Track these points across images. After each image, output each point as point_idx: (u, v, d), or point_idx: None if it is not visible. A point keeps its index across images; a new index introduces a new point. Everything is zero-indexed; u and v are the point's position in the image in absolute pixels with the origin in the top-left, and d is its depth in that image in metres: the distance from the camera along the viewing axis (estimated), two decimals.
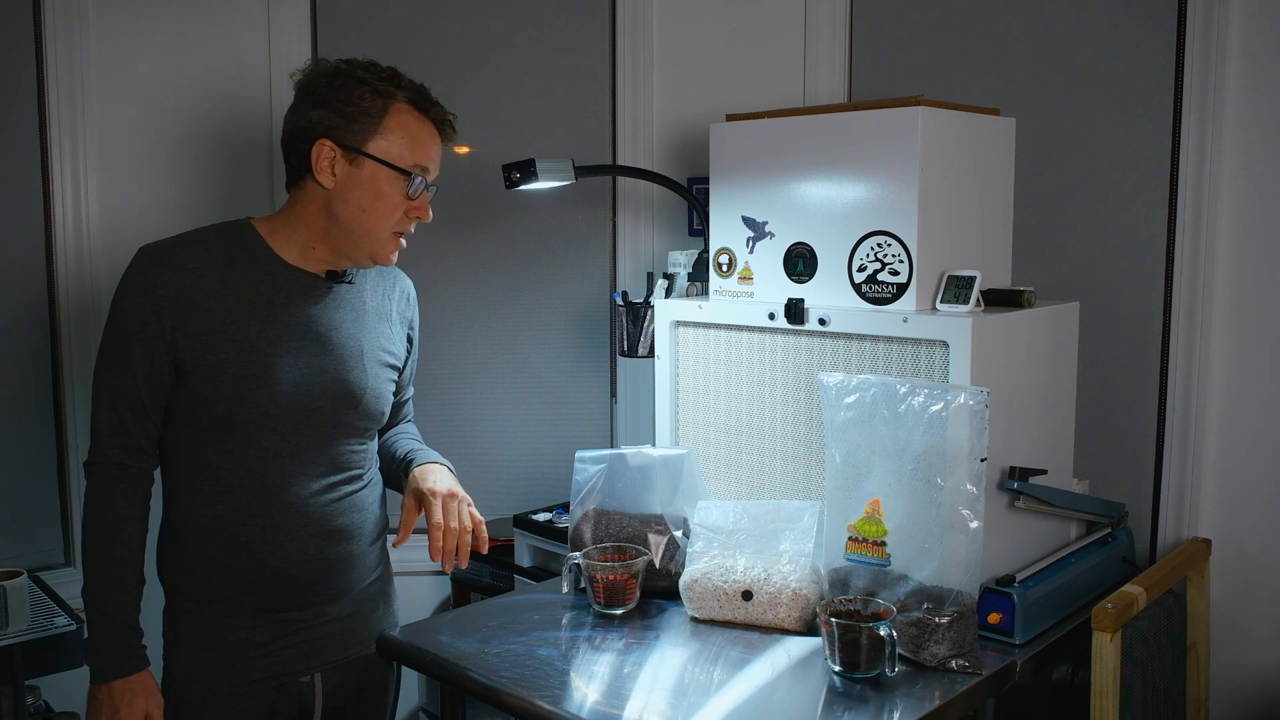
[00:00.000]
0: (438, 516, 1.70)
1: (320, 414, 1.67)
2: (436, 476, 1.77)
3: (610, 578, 1.80)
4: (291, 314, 1.66)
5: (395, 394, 1.84)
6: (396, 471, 1.86)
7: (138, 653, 1.62)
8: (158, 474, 1.69)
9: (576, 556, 1.84)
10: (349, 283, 1.73)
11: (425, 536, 1.71)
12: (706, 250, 2.10)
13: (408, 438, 1.92)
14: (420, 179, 1.65)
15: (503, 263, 2.67)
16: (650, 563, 1.86)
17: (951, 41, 2.31)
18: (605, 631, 1.75)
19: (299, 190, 1.67)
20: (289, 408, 1.63)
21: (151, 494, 1.67)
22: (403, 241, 1.70)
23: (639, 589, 1.83)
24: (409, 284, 1.88)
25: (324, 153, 1.61)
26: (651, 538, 1.88)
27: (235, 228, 1.68)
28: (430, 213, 1.69)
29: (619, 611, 1.81)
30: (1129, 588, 1.69)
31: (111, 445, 1.62)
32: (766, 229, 1.94)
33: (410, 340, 1.87)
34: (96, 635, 1.61)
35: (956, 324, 1.68)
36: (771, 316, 1.91)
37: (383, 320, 1.78)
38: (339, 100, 1.60)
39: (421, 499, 1.74)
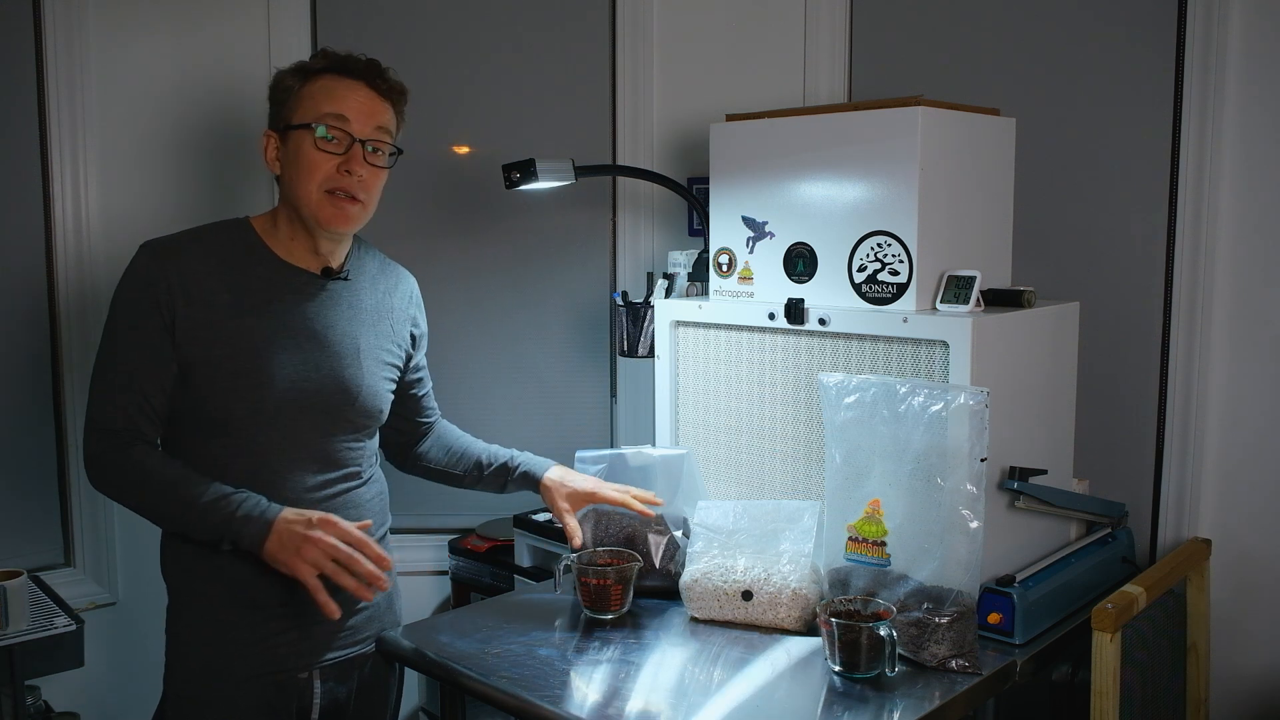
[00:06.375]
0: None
1: (316, 411, 1.67)
2: (576, 478, 1.91)
3: (596, 582, 1.77)
4: (287, 311, 1.66)
5: (411, 389, 1.87)
6: (498, 476, 1.96)
7: (261, 510, 1.57)
8: None
9: (572, 556, 1.83)
10: (344, 279, 1.74)
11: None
12: (706, 250, 2.09)
13: (481, 442, 2.01)
14: (323, 126, 1.63)
15: (503, 263, 2.67)
16: (648, 565, 1.85)
17: (951, 41, 2.31)
18: (605, 631, 1.74)
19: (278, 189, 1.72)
20: (284, 405, 1.64)
21: None
22: (348, 207, 1.65)
23: (629, 594, 1.79)
24: (412, 282, 1.88)
25: (267, 144, 1.69)
26: (651, 538, 1.88)
27: (234, 225, 1.71)
28: (362, 165, 1.64)
29: (608, 617, 1.78)
30: (1129, 588, 1.69)
31: (120, 431, 1.60)
32: (766, 229, 1.94)
33: (414, 338, 1.87)
34: (219, 529, 1.57)
35: (956, 324, 1.68)
36: (771, 316, 1.91)
37: (382, 319, 1.79)
38: (272, 93, 1.69)
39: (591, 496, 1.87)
